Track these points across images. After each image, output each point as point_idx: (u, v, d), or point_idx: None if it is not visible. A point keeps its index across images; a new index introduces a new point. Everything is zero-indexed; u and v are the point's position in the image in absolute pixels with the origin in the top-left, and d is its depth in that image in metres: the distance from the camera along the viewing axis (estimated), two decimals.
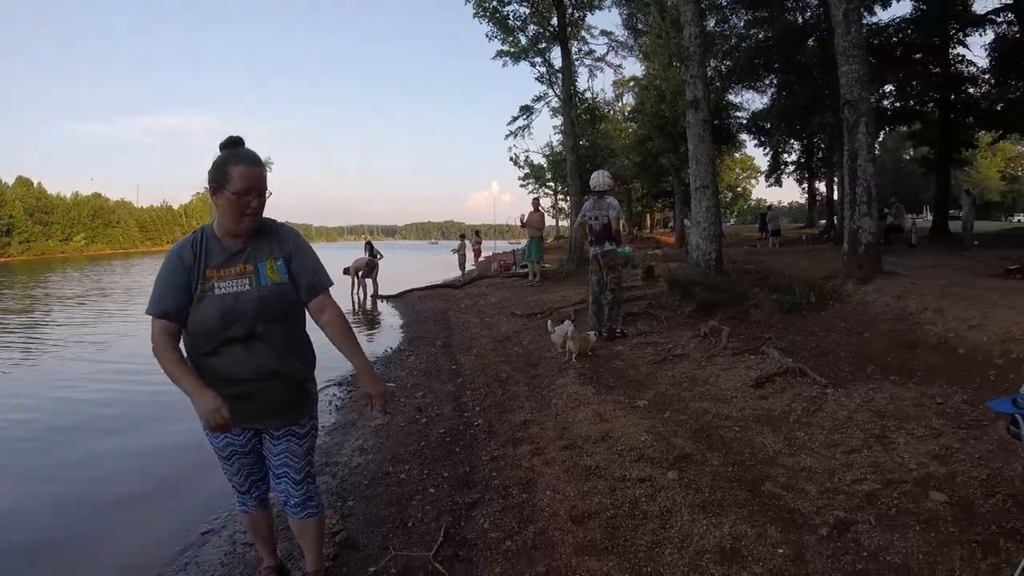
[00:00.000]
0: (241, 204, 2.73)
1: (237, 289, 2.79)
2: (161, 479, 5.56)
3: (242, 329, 2.78)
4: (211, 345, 2.78)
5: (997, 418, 4.74)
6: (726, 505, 3.94)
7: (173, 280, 2.74)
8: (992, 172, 73.90)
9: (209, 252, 2.80)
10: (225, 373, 2.80)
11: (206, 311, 2.74)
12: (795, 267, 14.56)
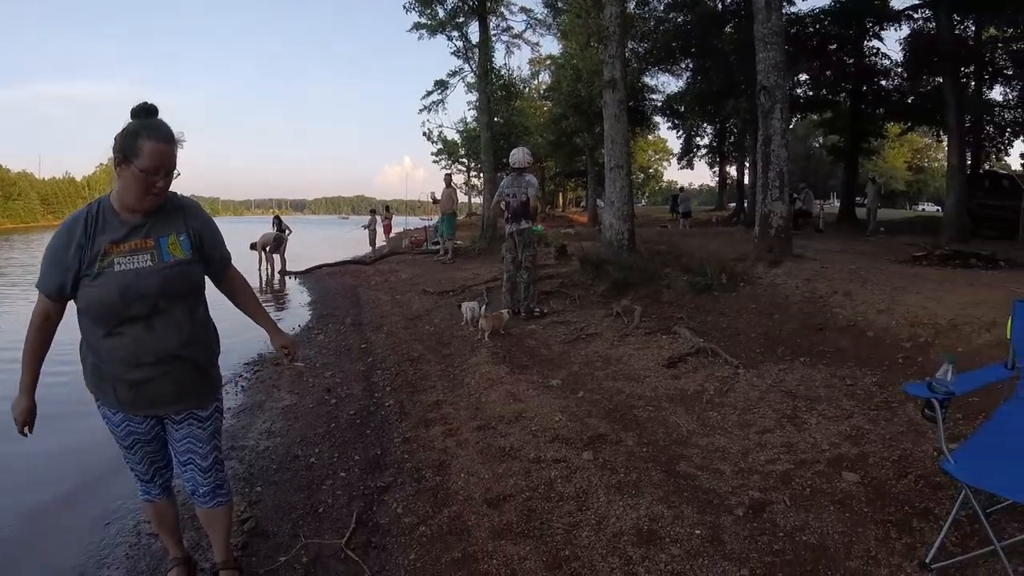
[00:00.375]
0: (148, 183, 2.55)
1: (138, 265, 2.61)
2: (56, 469, 5.27)
3: (144, 307, 2.62)
4: (110, 325, 2.62)
5: (907, 400, 4.86)
6: (642, 486, 3.93)
7: (59, 257, 2.57)
8: (899, 162, 76.60)
9: (107, 226, 2.60)
10: (124, 356, 2.64)
11: (105, 288, 2.55)
12: (706, 249, 14.78)
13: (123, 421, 2.81)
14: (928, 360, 5.92)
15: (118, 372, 2.66)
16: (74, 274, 2.56)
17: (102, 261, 2.57)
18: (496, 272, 14.18)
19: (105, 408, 2.81)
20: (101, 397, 2.79)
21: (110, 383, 2.70)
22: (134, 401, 2.72)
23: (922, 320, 6.67)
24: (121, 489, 4.60)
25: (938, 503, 3.44)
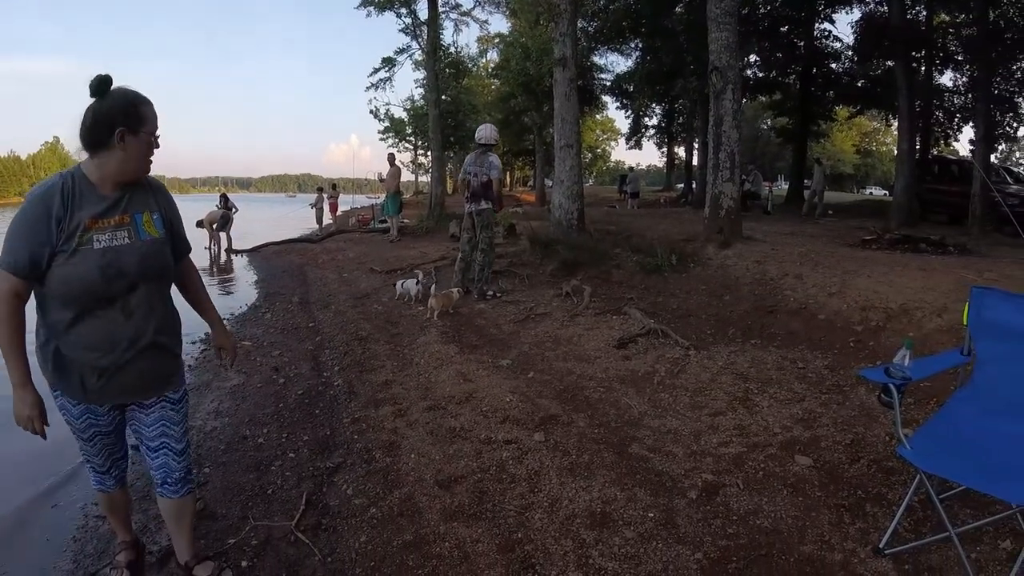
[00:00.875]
0: (152, 146, 2.55)
1: (118, 243, 2.50)
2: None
3: (122, 287, 2.51)
4: (82, 307, 2.47)
5: (858, 383, 4.92)
6: (594, 468, 3.92)
7: (34, 231, 2.37)
8: (847, 145, 77.73)
9: (84, 200, 2.45)
10: (97, 341, 2.52)
11: (84, 266, 2.41)
12: (655, 229, 14.87)
13: (84, 413, 2.67)
14: (880, 344, 5.99)
15: (88, 359, 2.52)
16: (50, 250, 2.39)
17: (81, 237, 2.42)
18: (444, 251, 14.12)
19: (64, 399, 2.64)
20: (61, 387, 2.61)
21: (76, 372, 2.55)
22: (103, 390, 2.59)
23: (874, 304, 6.74)
24: (67, 469, 4.51)
25: (891, 488, 3.48)
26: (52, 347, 2.54)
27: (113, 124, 2.41)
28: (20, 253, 2.36)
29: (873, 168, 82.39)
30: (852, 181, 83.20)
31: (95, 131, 2.43)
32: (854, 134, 74.98)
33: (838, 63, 27.29)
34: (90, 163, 2.50)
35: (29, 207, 2.40)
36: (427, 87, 27.47)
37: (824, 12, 25.78)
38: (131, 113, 2.44)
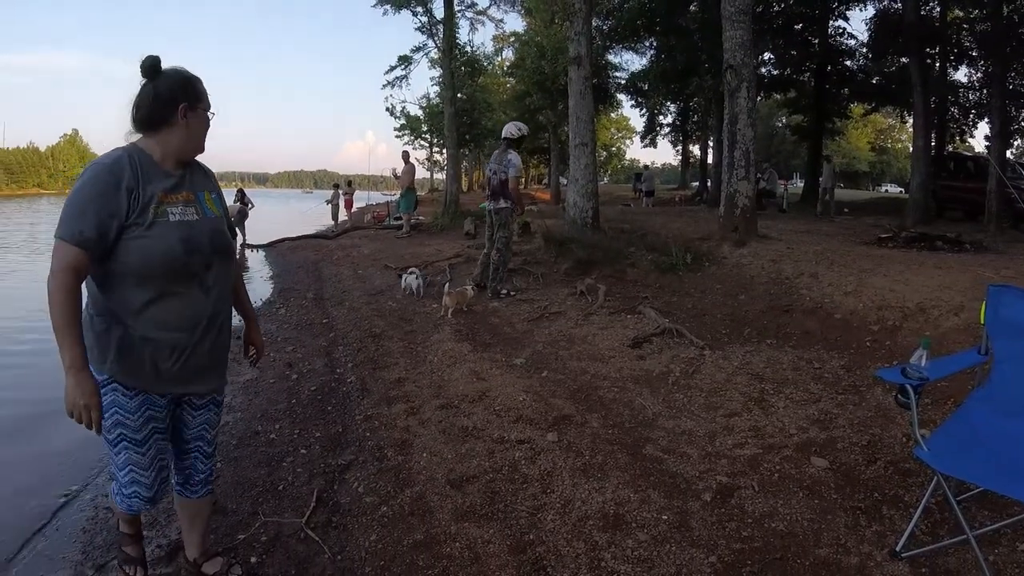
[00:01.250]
0: (208, 120, 2.57)
1: (190, 218, 2.45)
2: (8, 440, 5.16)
3: (200, 264, 2.46)
4: (164, 284, 2.36)
5: (875, 384, 4.86)
6: (608, 469, 3.89)
7: (102, 200, 2.24)
8: (862, 143, 77.48)
9: (151, 175, 2.38)
10: (179, 320, 2.43)
11: (164, 240, 2.32)
12: (670, 228, 14.81)
13: (143, 406, 2.46)
14: (896, 344, 5.93)
15: (167, 339, 2.41)
16: (119, 223, 2.26)
17: (156, 209, 2.34)
18: (459, 249, 14.11)
19: (118, 393, 2.41)
20: (123, 375, 2.40)
21: (148, 355, 2.40)
22: (178, 374, 2.47)
23: (890, 303, 6.67)
24: (80, 460, 4.54)
25: (908, 490, 3.43)
26: (118, 331, 2.37)
27: (176, 100, 2.41)
28: (86, 223, 2.20)
29: (888, 165, 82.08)
30: (867, 179, 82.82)
31: (157, 109, 2.40)
32: (869, 131, 74.76)
33: (853, 60, 27.17)
34: (149, 142, 2.44)
35: (95, 177, 2.27)
36: (443, 85, 27.59)
37: (838, 9, 25.64)
38: (190, 90, 2.46)
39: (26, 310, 9.38)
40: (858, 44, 26.32)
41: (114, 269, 2.31)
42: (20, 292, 11.82)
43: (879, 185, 79.24)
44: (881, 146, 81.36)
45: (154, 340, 2.39)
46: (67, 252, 2.19)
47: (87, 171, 2.30)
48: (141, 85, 2.42)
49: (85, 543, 3.51)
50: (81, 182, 2.28)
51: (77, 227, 2.19)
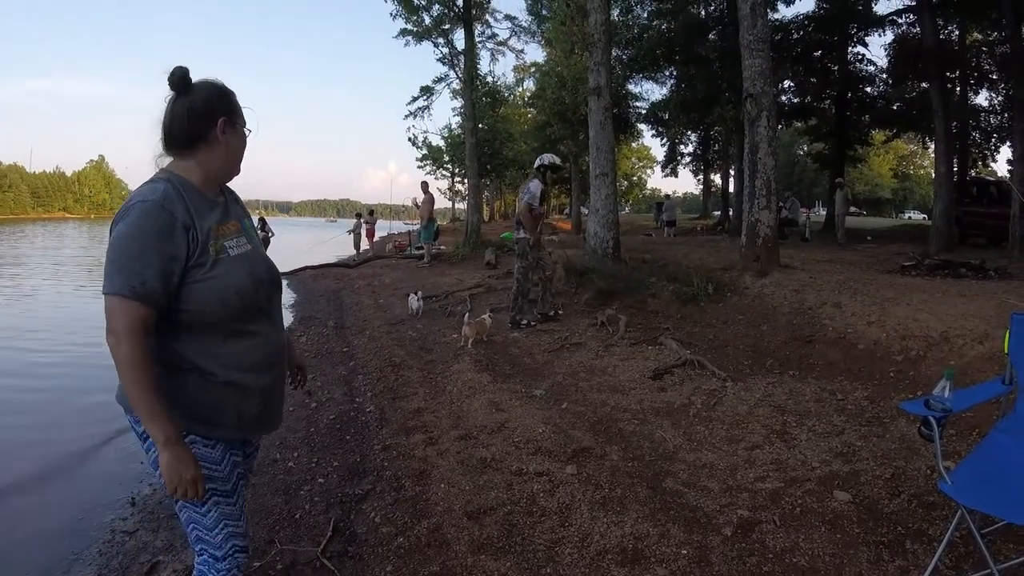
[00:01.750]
0: (246, 140, 2.29)
1: (244, 250, 2.21)
2: (26, 461, 5.26)
3: (265, 295, 2.24)
4: (239, 322, 2.13)
5: (899, 415, 4.80)
6: (627, 502, 3.84)
7: (162, 244, 1.96)
8: (885, 169, 77.35)
9: (199, 207, 2.09)
10: (257, 359, 2.20)
11: (233, 276, 2.09)
12: (692, 258, 14.76)
13: (226, 453, 2.20)
14: (920, 374, 5.85)
15: (250, 381, 2.16)
16: (181, 265, 1.99)
17: (216, 245, 2.08)
18: (479, 279, 14.14)
19: (198, 445, 2.10)
20: (201, 426, 2.12)
21: (231, 401, 2.14)
22: (260, 417, 2.25)
23: (913, 332, 6.58)
24: (96, 482, 4.58)
25: (932, 523, 3.36)
26: (193, 380, 2.08)
27: (214, 114, 2.13)
28: (147, 274, 1.91)
29: (911, 192, 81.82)
30: (890, 206, 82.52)
31: (194, 123, 2.12)
32: (891, 158, 74.62)
33: (873, 86, 27.12)
34: (186, 164, 2.15)
35: (147, 216, 1.96)
36: (464, 115, 27.77)
37: (857, 36, 25.60)
38: (228, 103, 2.19)
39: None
40: (878, 70, 26.32)
41: (180, 316, 2.04)
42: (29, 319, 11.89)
43: (902, 212, 78.87)
44: (903, 172, 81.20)
45: (238, 384, 2.14)
46: (129, 310, 1.90)
47: (133, 211, 1.98)
48: (170, 101, 2.15)
49: (101, 565, 3.61)
50: (131, 224, 1.96)
51: (137, 278, 1.90)
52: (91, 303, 13.17)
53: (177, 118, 2.12)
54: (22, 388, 7.55)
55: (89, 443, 5.84)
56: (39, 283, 17.46)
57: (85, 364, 8.49)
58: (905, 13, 22.51)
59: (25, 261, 24.66)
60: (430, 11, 25.33)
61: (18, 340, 9.97)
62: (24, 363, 8.63)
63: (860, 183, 74.80)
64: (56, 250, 31.56)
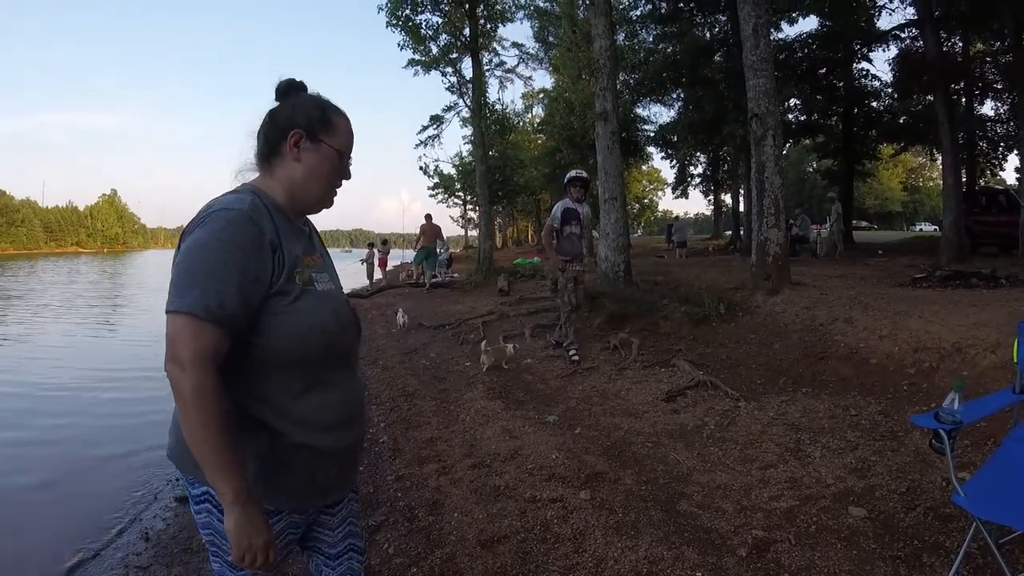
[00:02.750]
0: (341, 170, 1.92)
1: (329, 287, 1.90)
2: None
3: (347, 342, 1.94)
4: (319, 370, 1.79)
5: (913, 428, 4.77)
6: (641, 526, 3.83)
7: (245, 260, 1.64)
8: (894, 183, 77.28)
9: (285, 228, 1.79)
10: (337, 417, 1.84)
11: (317, 312, 1.77)
12: (703, 278, 14.72)
13: (285, 529, 1.82)
14: (933, 386, 5.81)
15: (326, 443, 1.79)
16: (265, 289, 1.67)
17: (302, 273, 1.77)
18: (492, 306, 14.12)
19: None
20: (264, 495, 1.72)
21: (302, 466, 1.77)
22: (334, 482, 1.92)
23: (926, 344, 6.54)
24: (110, 517, 4.62)
25: (948, 536, 3.35)
26: (262, 439, 1.71)
27: (291, 124, 1.84)
28: (226, 292, 1.58)
29: (921, 204, 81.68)
30: (901, 219, 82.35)
31: (271, 134, 1.87)
32: (900, 171, 74.59)
33: (879, 101, 27.10)
34: (266, 181, 1.88)
35: (231, 227, 1.65)
36: (474, 143, 27.95)
37: (861, 51, 25.62)
38: (315, 116, 1.86)
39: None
40: (883, 85, 26.32)
41: (251, 354, 1.69)
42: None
43: (913, 225, 78.56)
44: (913, 185, 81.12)
45: (313, 447, 1.77)
46: (201, 333, 1.56)
47: (215, 219, 1.66)
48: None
49: None
50: (211, 233, 1.64)
51: (214, 296, 1.57)
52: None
53: (261, 128, 1.90)
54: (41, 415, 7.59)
55: (103, 479, 5.90)
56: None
57: (105, 399, 8.55)
58: (908, 27, 22.49)
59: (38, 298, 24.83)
60: (437, 41, 25.56)
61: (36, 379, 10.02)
62: (43, 397, 8.68)
63: (870, 197, 74.79)
64: (66, 285, 31.78)
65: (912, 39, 22.89)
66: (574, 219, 8.79)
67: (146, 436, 6.92)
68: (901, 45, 23.86)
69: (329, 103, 1.90)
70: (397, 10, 24.14)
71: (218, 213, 1.66)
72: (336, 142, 1.87)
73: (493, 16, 26.31)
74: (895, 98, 25.89)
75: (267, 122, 1.89)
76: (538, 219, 62.28)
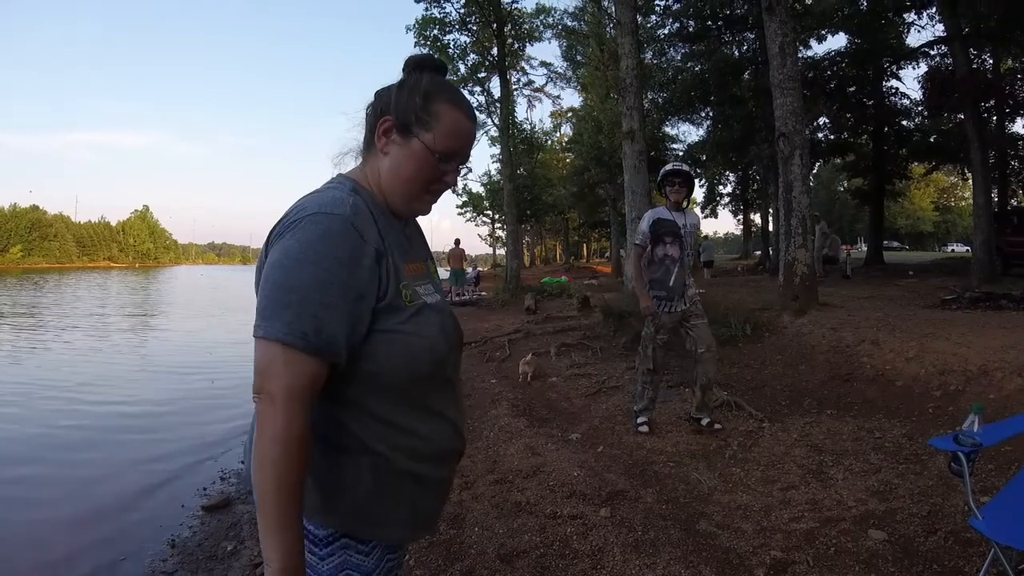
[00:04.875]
0: (438, 173, 1.54)
1: (435, 300, 1.60)
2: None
3: (454, 363, 1.67)
4: (425, 396, 1.54)
5: (936, 452, 4.74)
6: (659, 544, 3.83)
7: (350, 281, 1.35)
8: (925, 202, 76.51)
9: (388, 229, 1.51)
10: (440, 447, 1.59)
11: (428, 329, 1.51)
12: (730, 298, 14.65)
13: (380, 562, 1.55)
14: (958, 409, 5.76)
15: (429, 472, 1.56)
16: (368, 309, 1.40)
17: (406, 287, 1.49)
18: (518, 324, 14.14)
19: (350, 551, 1.49)
20: (364, 526, 1.49)
21: (406, 495, 1.52)
22: (433, 514, 1.67)
23: (952, 367, 6.49)
24: (136, 524, 4.70)
25: (968, 561, 3.32)
26: (364, 465, 1.45)
27: (384, 111, 1.53)
28: (324, 316, 1.31)
29: (953, 224, 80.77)
30: (933, 239, 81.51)
31: (370, 116, 1.58)
32: (931, 191, 73.86)
33: (909, 119, 26.89)
34: (364, 173, 1.58)
35: (329, 237, 1.35)
36: (502, 162, 28.07)
37: (890, 69, 25.46)
38: (414, 105, 1.49)
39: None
40: (913, 103, 26.12)
41: (355, 376, 1.43)
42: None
43: (945, 245, 77.71)
44: (945, 205, 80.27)
45: (416, 475, 1.52)
46: (295, 365, 1.29)
47: (309, 225, 1.36)
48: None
49: None
50: (304, 244, 1.34)
51: (310, 322, 1.29)
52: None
53: (368, 106, 1.61)
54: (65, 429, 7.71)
55: (132, 486, 6.01)
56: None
57: (135, 410, 8.69)
58: (936, 44, 22.38)
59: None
60: (465, 60, 25.80)
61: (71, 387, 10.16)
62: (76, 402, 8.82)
63: (901, 217, 74.06)
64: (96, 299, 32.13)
65: (941, 56, 22.77)
66: (671, 235, 6.00)
67: (175, 444, 7.07)
68: (930, 62, 23.74)
69: (445, 91, 1.53)
70: (425, 30, 24.43)
71: (314, 217, 1.36)
72: (434, 140, 1.49)
73: (521, 35, 26.58)
74: (925, 116, 25.70)
75: (372, 102, 1.58)
76: (566, 238, 62.41)
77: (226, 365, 12.52)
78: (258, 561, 4.02)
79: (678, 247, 5.96)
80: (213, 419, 8.21)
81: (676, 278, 5.89)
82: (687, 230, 6.06)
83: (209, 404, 9.16)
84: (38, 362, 12.90)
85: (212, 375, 11.44)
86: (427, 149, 1.48)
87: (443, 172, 1.54)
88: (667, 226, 5.99)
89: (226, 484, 6.04)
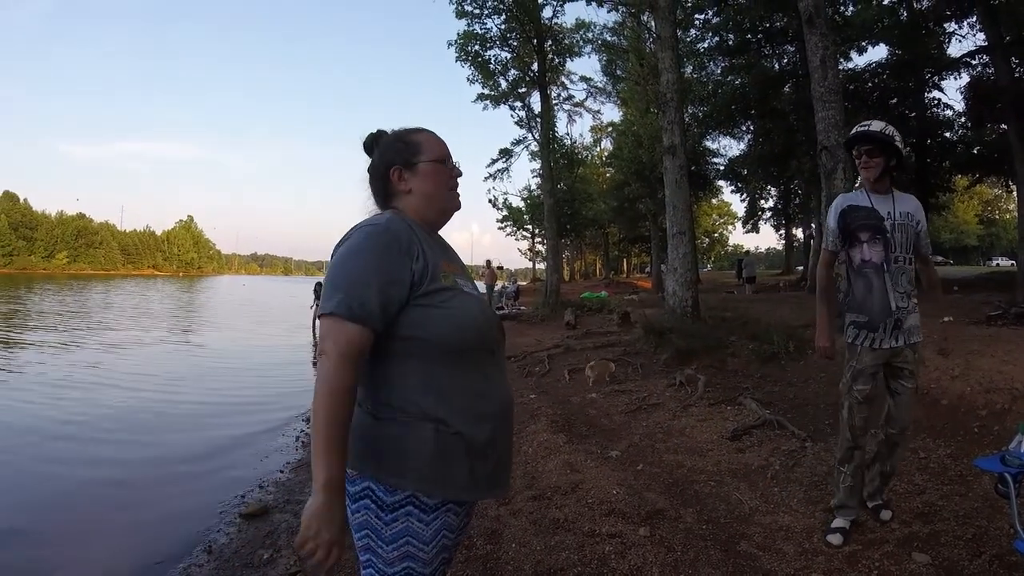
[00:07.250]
0: (449, 173, 2.12)
1: (473, 291, 2.05)
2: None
3: (495, 340, 2.05)
4: (474, 361, 1.94)
5: (982, 472, 4.63)
6: (699, 565, 3.79)
7: (385, 267, 1.84)
8: (969, 216, 75.19)
9: (425, 238, 1.98)
10: (488, 408, 1.95)
11: (469, 308, 1.93)
12: (773, 315, 14.52)
13: (439, 533, 1.88)
14: (1004, 428, 5.62)
15: (482, 434, 1.90)
16: (401, 293, 1.83)
17: (447, 277, 1.93)
18: (558, 339, 14.10)
19: (412, 518, 1.84)
20: (432, 485, 1.85)
21: (464, 455, 1.87)
22: (492, 476, 1.97)
23: (998, 385, 6.35)
24: (173, 529, 4.90)
25: None
26: (427, 430, 1.84)
27: (388, 166, 2.06)
28: (365, 294, 1.79)
29: (998, 238, 79.16)
30: (977, 253, 80.00)
31: (377, 184, 2.11)
32: (975, 203, 72.54)
33: (952, 132, 26.36)
34: (397, 210, 2.07)
35: (370, 238, 1.88)
36: (542, 177, 28.14)
37: (932, 80, 24.99)
38: (399, 148, 2.07)
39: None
40: (955, 115, 25.59)
41: (414, 346, 1.86)
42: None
43: (989, 259, 76.22)
44: (989, 218, 78.79)
45: (468, 436, 1.87)
46: (343, 331, 1.76)
47: (356, 234, 1.91)
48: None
49: None
50: (351, 246, 1.88)
51: (355, 299, 1.78)
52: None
53: (369, 180, 2.15)
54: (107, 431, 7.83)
55: (170, 492, 6.12)
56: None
57: (179, 413, 8.79)
58: (978, 54, 21.98)
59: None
60: (506, 76, 25.94)
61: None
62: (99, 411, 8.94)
63: (945, 231, 72.83)
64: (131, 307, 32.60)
65: (983, 66, 22.37)
66: (870, 230, 4.15)
67: (214, 452, 7.18)
68: (972, 72, 23.33)
69: (404, 130, 2.14)
70: (467, 46, 24.60)
71: (360, 229, 1.92)
72: (429, 155, 2.08)
73: (561, 51, 26.68)
74: (968, 128, 25.22)
75: (371, 179, 2.14)
76: (606, 252, 62.24)
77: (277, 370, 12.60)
78: (294, 570, 4.04)
79: (881, 248, 4.09)
80: (253, 427, 8.36)
81: (879, 296, 4.17)
82: (896, 222, 4.13)
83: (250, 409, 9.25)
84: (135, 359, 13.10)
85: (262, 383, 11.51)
86: (432, 163, 2.07)
87: (449, 170, 2.12)
88: (863, 216, 4.14)
89: (264, 492, 6.09)
